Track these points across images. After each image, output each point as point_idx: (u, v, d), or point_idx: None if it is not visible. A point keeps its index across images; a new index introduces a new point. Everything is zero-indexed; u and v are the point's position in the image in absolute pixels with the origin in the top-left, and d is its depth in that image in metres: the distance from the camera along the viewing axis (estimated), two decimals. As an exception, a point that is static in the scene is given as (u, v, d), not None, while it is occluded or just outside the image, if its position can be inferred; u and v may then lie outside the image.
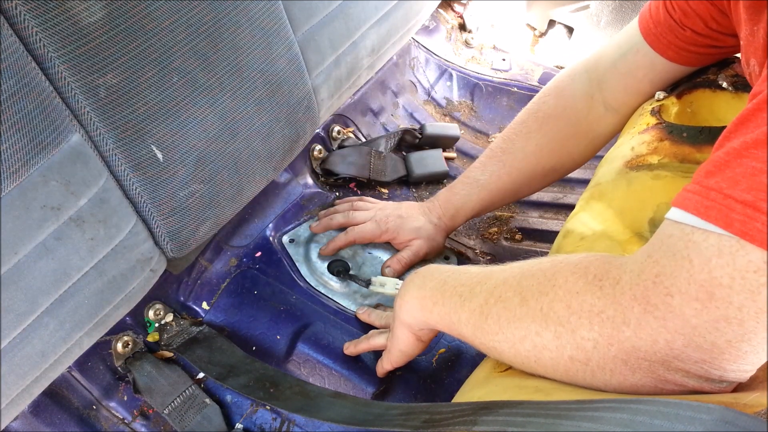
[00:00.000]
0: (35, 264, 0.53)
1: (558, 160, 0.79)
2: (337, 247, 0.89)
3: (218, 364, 0.75)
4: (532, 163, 0.79)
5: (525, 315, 0.47)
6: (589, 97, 0.74)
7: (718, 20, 0.59)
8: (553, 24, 1.41)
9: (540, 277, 0.48)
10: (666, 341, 0.39)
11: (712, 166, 0.39)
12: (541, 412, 0.40)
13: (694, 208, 0.39)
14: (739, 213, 0.36)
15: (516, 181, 0.81)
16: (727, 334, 0.38)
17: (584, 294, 0.44)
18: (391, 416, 0.55)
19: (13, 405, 0.59)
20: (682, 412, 0.34)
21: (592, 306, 0.43)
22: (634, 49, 0.69)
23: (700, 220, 0.38)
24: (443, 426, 0.47)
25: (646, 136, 0.62)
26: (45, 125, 0.50)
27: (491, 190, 0.82)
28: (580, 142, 0.77)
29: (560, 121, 0.76)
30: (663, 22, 0.64)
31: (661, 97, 0.67)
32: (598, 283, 0.43)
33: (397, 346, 0.67)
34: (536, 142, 0.78)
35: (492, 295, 0.51)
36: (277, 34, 0.75)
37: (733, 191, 0.37)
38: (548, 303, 0.46)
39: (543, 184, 0.84)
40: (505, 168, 0.80)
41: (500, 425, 0.41)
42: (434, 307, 0.57)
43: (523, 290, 0.49)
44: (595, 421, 0.36)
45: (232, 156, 0.72)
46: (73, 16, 0.53)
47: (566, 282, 0.46)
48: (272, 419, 0.75)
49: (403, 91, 1.27)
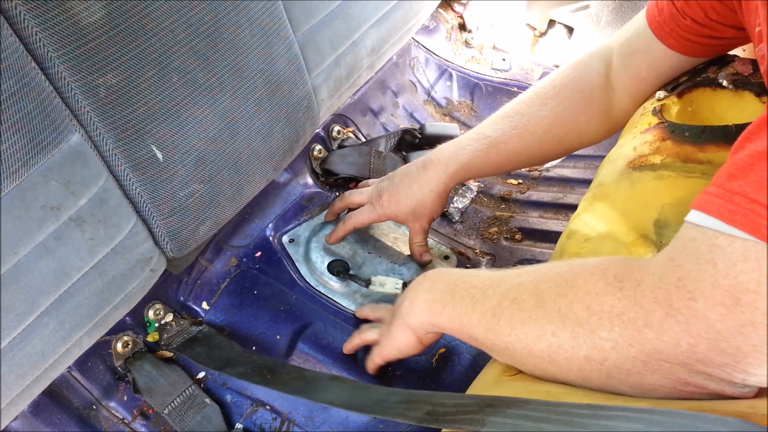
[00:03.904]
0: (35, 264, 0.53)
1: (568, 132, 0.78)
2: (339, 237, 0.90)
3: (216, 358, 0.75)
4: (543, 128, 0.78)
5: (541, 316, 0.47)
6: (603, 76, 0.75)
7: (718, 10, 0.59)
8: (553, 24, 1.41)
9: (558, 279, 0.48)
10: (689, 345, 0.39)
11: (734, 169, 0.39)
12: (551, 417, 0.40)
13: (718, 212, 0.39)
14: (765, 218, 0.36)
15: (526, 144, 0.79)
16: (753, 338, 0.37)
17: (604, 295, 0.44)
18: (391, 403, 0.54)
19: (13, 405, 0.59)
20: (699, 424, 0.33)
21: (612, 307, 0.43)
22: (636, 34, 0.70)
23: (725, 225, 0.38)
24: (448, 421, 0.46)
25: (648, 136, 0.62)
26: (45, 125, 0.50)
27: (500, 149, 0.80)
28: (591, 118, 0.77)
29: (576, 92, 0.76)
30: (666, 10, 0.64)
31: (661, 97, 0.67)
32: (618, 285, 0.43)
33: (393, 344, 0.67)
34: (550, 107, 0.77)
35: (506, 297, 0.51)
36: (277, 34, 0.75)
37: (759, 196, 0.37)
38: (567, 304, 0.46)
39: (549, 155, 0.83)
40: (517, 129, 0.79)
41: (510, 428, 0.40)
42: (444, 309, 0.58)
43: (540, 292, 0.48)
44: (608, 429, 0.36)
45: (232, 156, 0.72)
46: (73, 16, 0.53)
47: (585, 283, 0.45)
48: (272, 419, 0.75)
49: (403, 91, 1.27)
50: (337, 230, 0.90)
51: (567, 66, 0.79)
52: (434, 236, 0.99)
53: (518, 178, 1.14)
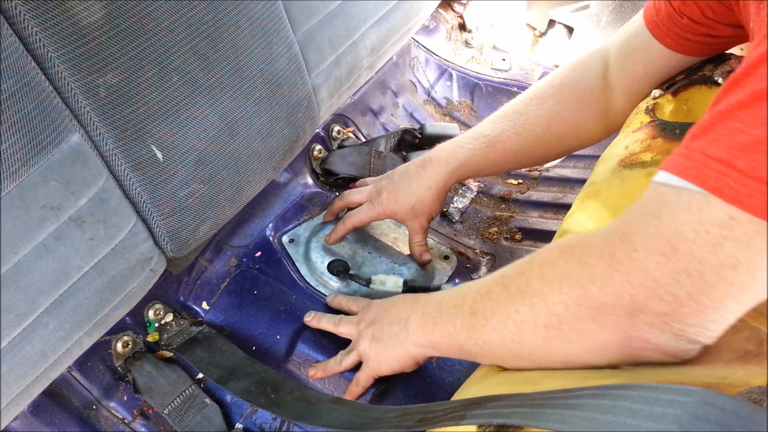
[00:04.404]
0: (35, 264, 0.53)
1: (566, 131, 0.79)
2: (339, 236, 0.90)
3: (218, 366, 0.75)
4: (542, 127, 0.78)
5: (507, 299, 0.50)
6: (601, 76, 0.76)
7: (715, 9, 0.60)
8: (553, 24, 1.41)
9: (520, 263, 0.51)
10: (630, 295, 0.41)
11: (697, 130, 0.41)
12: (526, 403, 0.41)
13: (675, 168, 0.40)
14: (714, 170, 0.38)
15: (524, 143, 0.80)
16: (687, 286, 0.39)
17: (556, 262, 0.46)
18: (388, 419, 0.56)
19: (13, 405, 0.59)
20: (662, 395, 0.35)
21: (561, 270, 0.45)
22: (634, 34, 0.70)
23: (678, 179, 0.40)
24: (435, 423, 0.48)
25: (640, 135, 0.62)
26: (45, 125, 0.50)
27: (498, 148, 0.81)
28: (589, 118, 0.77)
29: (574, 92, 0.77)
30: (663, 10, 0.65)
31: (657, 95, 0.67)
32: (569, 250, 0.46)
33: (388, 366, 0.68)
34: (549, 107, 0.78)
35: (479, 293, 0.54)
36: (277, 34, 0.75)
37: (712, 150, 0.38)
38: (525, 280, 0.49)
39: (547, 154, 0.83)
40: (515, 128, 0.80)
41: (487, 417, 0.42)
42: (435, 326, 0.60)
43: (505, 278, 0.52)
44: (577, 408, 0.37)
45: (232, 156, 0.72)
46: (73, 16, 0.53)
47: (541, 257, 0.48)
48: (272, 419, 0.75)
49: (403, 91, 1.27)
50: (337, 229, 0.90)
51: (566, 66, 0.80)
52: (434, 236, 0.99)
53: (518, 178, 1.14)
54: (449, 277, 0.92)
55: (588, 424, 0.35)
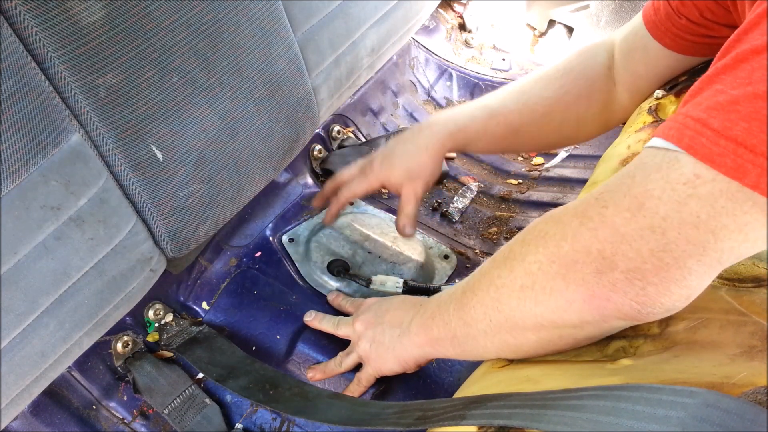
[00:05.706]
0: (35, 264, 0.53)
1: (567, 117, 0.78)
2: (334, 213, 0.90)
3: (218, 365, 0.75)
4: (545, 108, 0.78)
5: (491, 267, 0.52)
6: (606, 67, 0.76)
7: (713, 10, 0.60)
8: (553, 24, 1.41)
9: (511, 240, 0.52)
10: (597, 251, 0.42)
11: (688, 96, 0.41)
12: (527, 403, 0.41)
13: (661, 131, 0.41)
14: (691, 129, 0.38)
15: (525, 122, 0.78)
16: (650, 242, 0.39)
17: (538, 224, 0.48)
18: (386, 415, 0.56)
19: (13, 405, 0.59)
20: (665, 396, 0.34)
21: (540, 231, 0.47)
22: (634, 33, 0.71)
23: (662, 140, 0.40)
24: (434, 422, 0.48)
25: (642, 135, 0.62)
26: (45, 125, 0.50)
27: (499, 121, 0.79)
28: (591, 106, 0.77)
29: (579, 78, 0.77)
30: (661, 10, 0.65)
31: (659, 96, 0.67)
32: (551, 213, 0.47)
33: (390, 366, 0.68)
34: (554, 89, 0.78)
35: (471, 276, 0.56)
36: (277, 34, 0.75)
37: (693, 111, 0.39)
38: (509, 247, 0.50)
39: (545, 139, 0.83)
40: (518, 105, 0.79)
41: (487, 418, 0.42)
42: (433, 321, 0.60)
43: (495, 255, 0.53)
44: (578, 409, 0.37)
45: (232, 156, 0.72)
46: (73, 16, 0.53)
47: (528, 227, 0.50)
48: (272, 419, 0.75)
49: (403, 91, 1.27)
50: (331, 206, 0.89)
51: (572, 53, 0.80)
52: (434, 236, 0.99)
53: (518, 178, 1.14)
54: (449, 277, 0.92)
55: (590, 425, 0.35)
